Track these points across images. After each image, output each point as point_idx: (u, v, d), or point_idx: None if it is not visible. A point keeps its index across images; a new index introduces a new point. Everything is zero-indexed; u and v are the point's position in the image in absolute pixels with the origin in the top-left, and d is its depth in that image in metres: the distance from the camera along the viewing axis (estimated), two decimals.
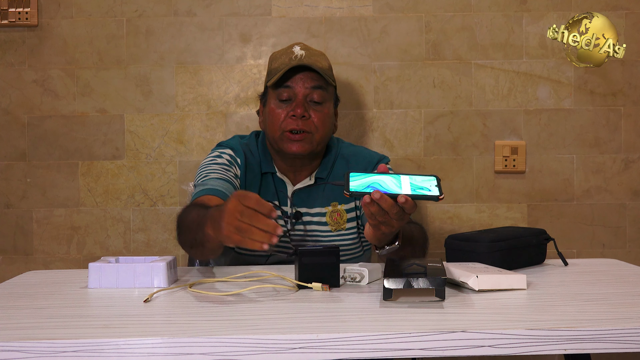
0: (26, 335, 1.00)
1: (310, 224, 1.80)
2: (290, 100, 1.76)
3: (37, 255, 2.29)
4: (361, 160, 1.86)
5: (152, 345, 0.96)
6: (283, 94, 1.76)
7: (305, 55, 1.77)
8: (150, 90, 2.28)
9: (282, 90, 1.76)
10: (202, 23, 2.27)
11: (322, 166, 1.83)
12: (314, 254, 1.32)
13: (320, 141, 1.78)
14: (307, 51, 1.79)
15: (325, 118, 1.78)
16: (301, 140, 1.75)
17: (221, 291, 1.29)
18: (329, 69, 1.82)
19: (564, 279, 1.44)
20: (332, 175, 1.83)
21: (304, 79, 1.76)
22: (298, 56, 1.77)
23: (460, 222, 2.30)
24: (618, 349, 0.99)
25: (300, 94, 1.76)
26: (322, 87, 1.77)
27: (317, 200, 1.81)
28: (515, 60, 2.29)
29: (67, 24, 2.27)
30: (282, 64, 1.77)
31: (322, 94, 1.77)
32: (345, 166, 1.84)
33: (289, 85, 1.76)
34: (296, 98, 1.76)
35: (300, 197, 1.81)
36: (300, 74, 1.76)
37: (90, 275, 1.37)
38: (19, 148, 2.28)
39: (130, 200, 2.29)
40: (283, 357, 0.96)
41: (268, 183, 1.82)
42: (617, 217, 2.31)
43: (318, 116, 1.76)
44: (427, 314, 1.09)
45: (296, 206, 1.80)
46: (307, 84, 1.76)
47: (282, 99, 1.77)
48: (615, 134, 2.30)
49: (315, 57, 1.78)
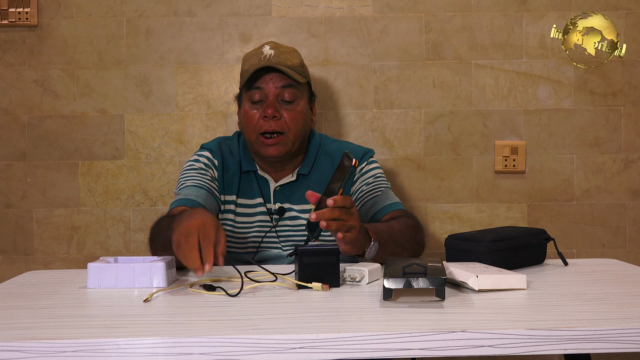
0: (26, 335, 1.00)
1: (297, 219, 1.81)
2: (262, 101, 1.77)
3: (37, 255, 2.29)
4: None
5: (152, 345, 0.96)
6: (255, 96, 1.77)
7: (274, 54, 1.77)
8: (151, 90, 2.28)
9: (253, 91, 1.77)
10: (202, 23, 2.27)
11: (304, 163, 1.84)
12: (314, 254, 1.32)
13: (295, 140, 1.78)
14: (276, 50, 1.79)
15: (298, 116, 1.78)
16: (276, 144, 1.76)
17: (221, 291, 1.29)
18: (300, 66, 1.81)
19: (563, 279, 1.44)
20: (316, 171, 1.84)
21: (274, 79, 1.77)
22: (267, 56, 1.77)
23: (460, 222, 2.30)
24: (618, 349, 0.99)
25: (271, 94, 1.76)
26: (293, 85, 1.77)
27: (301, 196, 1.81)
28: (515, 60, 2.29)
29: (67, 24, 2.27)
30: (251, 65, 1.78)
31: (292, 92, 1.77)
32: (329, 163, 1.85)
33: (259, 86, 1.77)
34: (267, 99, 1.77)
35: (284, 194, 1.82)
36: (270, 74, 1.76)
37: (90, 275, 1.37)
38: (19, 148, 2.28)
39: (130, 200, 2.29)
40: (283, 357, 0.96)
41: (250, 180, 1.83)
42: (617, 217, 2.31)
43: (290, 115, 1.77)
44: (427, 313, 1.09)
45: (280, 203, 1.81)
46: (277, 83, 1.77)
47: (254, 101, 1.78)
48: (615, 134, 2.30)
49: (285, 55, 1.79)
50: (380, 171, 1.88)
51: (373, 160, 1.90)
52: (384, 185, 1.83)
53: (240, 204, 1.82)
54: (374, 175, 1.85)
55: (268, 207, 1.81)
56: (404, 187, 2.29)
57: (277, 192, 1.82)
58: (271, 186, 1.82)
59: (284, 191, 1.82)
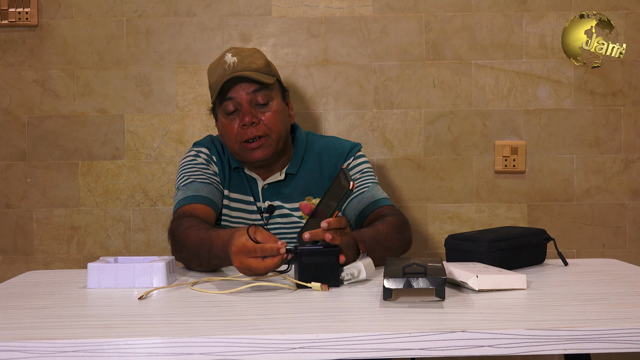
0: (26, 335, 1.00)
1: (289, 216, 1.81)
2: (238, 110, 1.76)
3: (37, 255, 2.29)
4: (333, 154, 1.87)
5: (152, 345, 0.96)
6: (229, 107, 1.76)
7: (237, 61, 1.75)
8: (151, 90, 2.28)
9: (226, 103, 1.76)
10: (202, 23, 2.27)
11: (292, 162, 1.84)
12: (313, 254, 1.32)
13: (278, 140, 1.78)
14: (238, 56, 1.77)
15: (276, 116, 1.78)
16: (260, 146, 1.76)
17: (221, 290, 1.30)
18: (266, 66, 1.80)
19: (564, 279, 1.44)
20: (304, 170, 1.84)
21: (243, 86, 1.75)
22: (231, 64, 1.75)
23: (460, 222, 2.30)
24: (618, 349, 0.99)
25: (244, 101, 1.75)
26: (263, 88, 1.76)
27: (291, 195, 1.82)
28: (515, 60, 2.29)
29: (67, 24, 2.27)
30: (218, 77, 1.76)
31: (264, 94, 1.76)
32: (317, 162, 1.85)
33: (231, 97, 1.76)
34: (241, 107, 1.76)
35: (273, 192, 1.82)
36: (238, 83, 1.75)
37: (89, 275, 1.37)
38: (19, 148, 2.28)
39: (130, 200, 2.29)
40: (283, 357, 0.96)
41: (240, 177, 1.84)
42: (617, 217, 2.31)
43: (268, 117, 1.76)
44: (427, 313, 1.09)
45: (270, 201, 1.81)
46: (247, 89, 1.75)
47: (229, 112, 1.77)
48: (615, 134, 2.30)
49: (249, 59, 1.77)
50: (368, 165, 1.88)
51: (360, 154, 1.89)
52: (371, 180, 1.84)
53: (233, 199, 1.82)
54: (361, 170, 1.85)
55: (258, 205, 1.81)
56: (404, 187, 2.29)
57: (265, 191, 1.82)
58: (259, 185, 1.82)
59: (273, 190, 1.82)
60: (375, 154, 2.29)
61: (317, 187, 1.83)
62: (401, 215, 1.76)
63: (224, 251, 1.40)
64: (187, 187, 1.76)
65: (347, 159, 1.86)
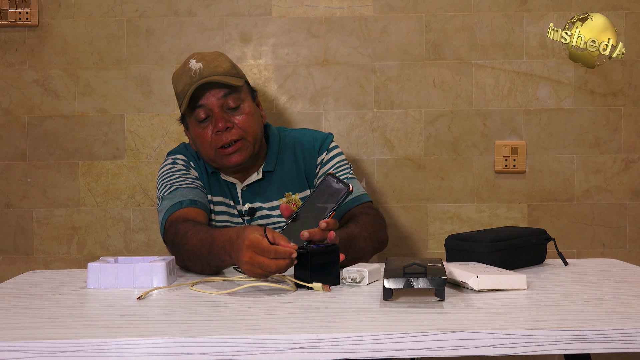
0: (26, 335, 1.00)
1: (270, 217, 1.80)
2: (209, 117, 1.73)
3: (38, 255, 2.29)
4: (306, 147, 1.85)
5: (152, 345, 0.96)
6: (200, 114, 1.73)
7: (202, 67, 1.72)
8: (151, 90, 2.28)
9: (197, 111, 1.73)
10: (203, 23, 2.27)
11: (268, 159, 1.82)
12: (313, 254, 1.32)
13: (254, 141, 1.76)
14: (203, 61, 1.73)
15: (249, 118, 1.75)
16: (237, 150, 1.73)
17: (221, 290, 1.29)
18: (232, 68, 1.77)
19: (564, 279, 1.44)
20: (280, 166, 1.82)
21: (213, 92, 1.72)
22: (196, 71, 1.71)
23: (461, 222, 2.30)
24: (618, 349, 0.99)
25: (215, 107, 1.72)
26: (233, 90, 1.74)
27: (270, 193, 1.80)
28: (516, 60, 2.29)
29: (67, 23, 2.27)
30: (185, 85, 1.73)
31: (235, 97, 1.74)
32: (292, 156, 1.84)
33: (201, 104, 1.72)
34: (213, 113, 1.73)
35: (252, 193, 1.80)
36: (207, 89, 1.72)
37: (90, 275, 1.37)
38: (19, 148, 2.28)
39: (131, 200, 2.29)
40: (283, 357, 0.96)
41: (219, 181, 1.82)
42: (617, 217, 2.31)
43: (241, 120, 1.74)
44: (427, 314, 1.09)
45: (250, 202, 1.80)
46: (217, 94, 1.72)
47: (200, 119, 1.74)
48: (616, 134, 2.30)
49: (215, 63, 1.74)
50: (342, 157, 1.86)
51: (333, 146, 1.87)
52: (348, 174, 1.82)
53: (216, 202, 1.80)
54: (336, 165, 1.83)
55: (239, 208, 1.80)
56: (404, 187, 2.29)
57: (244, 193, 1.80)
58: (238, 188, 1.80)
59: (252, 190, 1.80)
60: (375, 153, 2.29)
61: (294, 182, 1.82)
62: (376, 215, 1.75)
63: (226, 248, 1.38)
64: (172, 195, 1.72)
65: (319, 154, 1.84)
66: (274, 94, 2.29)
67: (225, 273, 1.53)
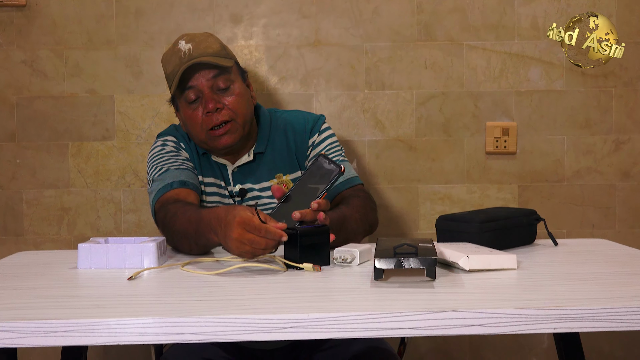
0: (16, 315, 0.99)
1: (260, 198, 1.79)
2: (199, 98, 1.72)
3: (28, 236, 2.29)
4: (297, 128, 1.84)
5: (143, 325, 0.96)
6: (190, 95, 1.72)
7: (192, 47, 1.71)
8: (141, 70, 2.27)
9: (187, 92, 1.72)
10: (193, 3, 2.26)
11: (259, 141, 1.82)
12: (303, 235, 1.32)
13: (244, 123, 1.75)
14: (193, 42, 1.72)
15: (239, 99, 1.74)
16: (227, 132, 1.72)
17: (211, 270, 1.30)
18: (222, 49, 1.76)
19: (553, 258, 1.45)
20: (271, 147, 1.82)
21: (203, 73, 1.71)
22: (186, 52, 1.71)
23: (451, 202, 2.31)
24: (606, 328, 1.00)
25: (205, 88, 1.71)
26: (223, 71, 1.73)
27: (261, 174, 1.80)
28: (507, 41, 2.28)
29: (55, 3, 2.24)
30: (174, 66, 1.72)
31: (225, 78, 1.73)
32: (283, 138, 1.83)
33: (191, 85, 1.72)
34: (203, 94, 1.72)
35: (243, 174, 1.80)
36: (197, 70, 1.71)
37: (80, 256, 1.37)
38: (8, 129, 2.26)
39: (121, 181, 2.28)
40: (274, 336, 0.97)
41: (210, 162, 1.81)
42: (607, 197, 2.32)
43: (231, 101, 1.73)
44: (418, 293, 1.10)
45: (241, 183, 1.79)
46: (207, 75, 1.71)
47: (190, 101, 1.73)
48: (606, 115, 2.30)
49: (204, 44, 1.73)
50: (334, 139, 1.85)
51: (325, 128, 1.86)
52: (339, 156, 1.82)
53: (207, 183, 1.80)
54: (327, 147, 1.83)
55: (229, 189, 1.79)
56: (395, 168, 2.30)
57: (235, 174, 1.79)
58: (229, 169, 1.79)
59: (243, 171, 1.80)
60: (366, 135, 2.29)
61: (285, 164, 1.81)
62: (367, 199, 1.75)
63: (212, 225, 1.37)
64: (163, 176, 1.72)
65: (311, 136, 1.83)
66: (265, 75, 2.28)
67: (215, 253, 1.53)
